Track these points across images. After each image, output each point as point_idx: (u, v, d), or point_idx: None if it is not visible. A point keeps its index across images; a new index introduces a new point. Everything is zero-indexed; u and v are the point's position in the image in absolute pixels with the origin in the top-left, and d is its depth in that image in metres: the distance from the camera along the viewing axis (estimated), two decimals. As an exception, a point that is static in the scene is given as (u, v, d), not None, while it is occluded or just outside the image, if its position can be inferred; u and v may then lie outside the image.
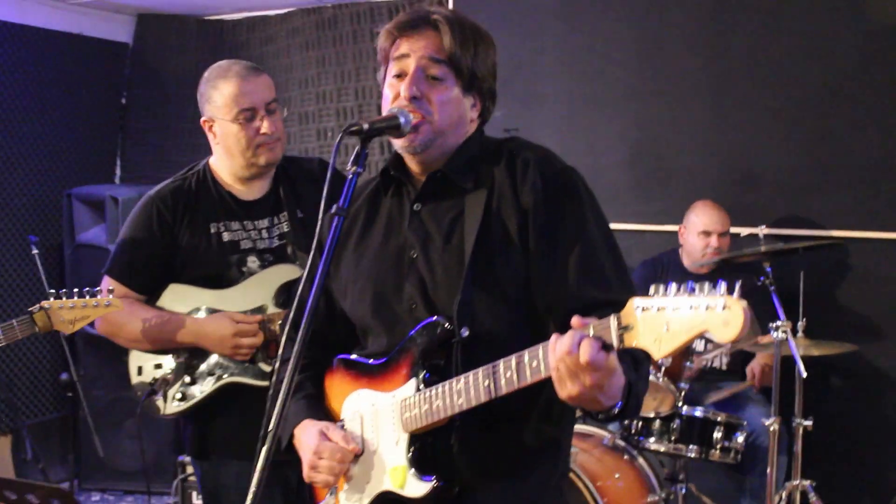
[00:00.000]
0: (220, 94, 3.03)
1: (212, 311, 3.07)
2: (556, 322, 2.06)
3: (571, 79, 5.55)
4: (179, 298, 3.12)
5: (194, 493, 4.50)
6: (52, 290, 3.02)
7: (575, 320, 1.81)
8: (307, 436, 2.23)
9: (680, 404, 4.25)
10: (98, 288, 2.96)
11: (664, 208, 5.30)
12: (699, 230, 4.85)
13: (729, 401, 4.70)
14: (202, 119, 3.11)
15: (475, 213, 2.12)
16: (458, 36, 2.15)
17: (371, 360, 2.25)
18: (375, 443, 2.20)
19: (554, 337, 1.82)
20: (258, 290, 3.09)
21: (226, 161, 3.12)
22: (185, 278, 3.12)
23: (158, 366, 3.13)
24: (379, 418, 2.19)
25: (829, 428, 4.59)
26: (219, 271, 3.10)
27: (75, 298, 3.00)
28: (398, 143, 2.16)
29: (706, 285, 1.62)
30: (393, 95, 2.17)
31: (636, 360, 1.97)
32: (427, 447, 2.13)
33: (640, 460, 4.22)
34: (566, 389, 1.82)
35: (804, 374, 3.96)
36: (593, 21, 5.51)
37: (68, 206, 5.99)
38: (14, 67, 6.12)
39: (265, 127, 3.01)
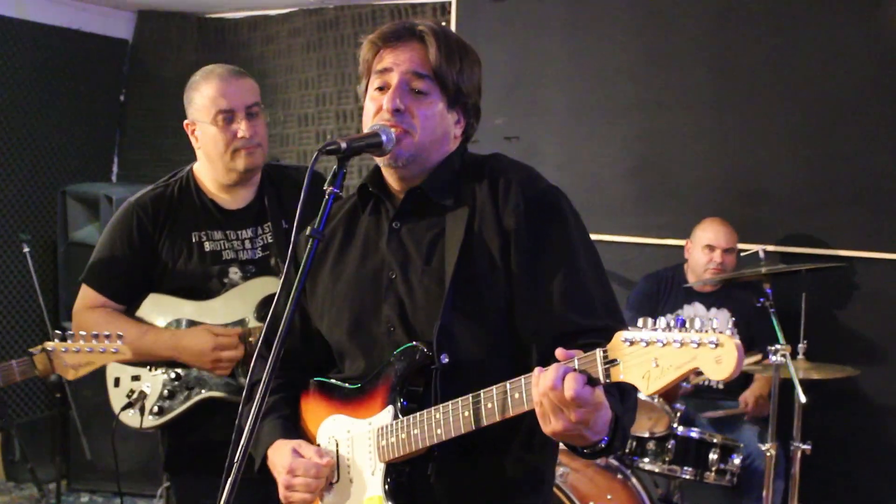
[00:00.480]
0: (200, 96, 2.96)
1: (192, 324, 2.99)
2: (539, 349, 1.99)
3: (575, 88, 5.46)
4: (159, 309, 3.03)
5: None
6: (58, 332, 2.81)
7: (559, 352, 1.74)
8: (279, 455, 2.16)
9: (675, 425, 4.17)
10: (108, 332, 2.78)
11: (667, 222, 5.22)
12: (703, 244, 4.79)
13: (725, 420, 4.62)
14: (185, 122, 3.03)
15: (456, 234, 2.05)
16: (443, 49, 2.08)
17: (347, 384, 2.19)
18: (351, 471, 2.13)
19: (537, 370, 1.76)
20: (239, 302, 3.00)
21: (207, 167, 3.03)
22: (165, 288, 3.03)
23: (136, 377, 3.05)
24: (355, 445, 2.13)
25: (828, 452, 4.50)
26: (199, 282, 3.01)
27: (81, 342, 2.78)
28: (379, 158, 2.09)
29: (696, 320, 1.55)
30: (375, 109, 2.09)
31: (623, 392, 1.89)
32: (404, 477, 2.06)
33: (634, 480, 4.13)
34: (550, 425, 1.75)
35: (803, 400, 3.86)
36: (599, 30, 5.42)
37: (62, 203, 5.92)
38: (11, 62, 6.06)
39: (243, 130, 2.92)
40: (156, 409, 3.00)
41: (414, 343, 2.04)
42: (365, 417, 2.11)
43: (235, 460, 1.81)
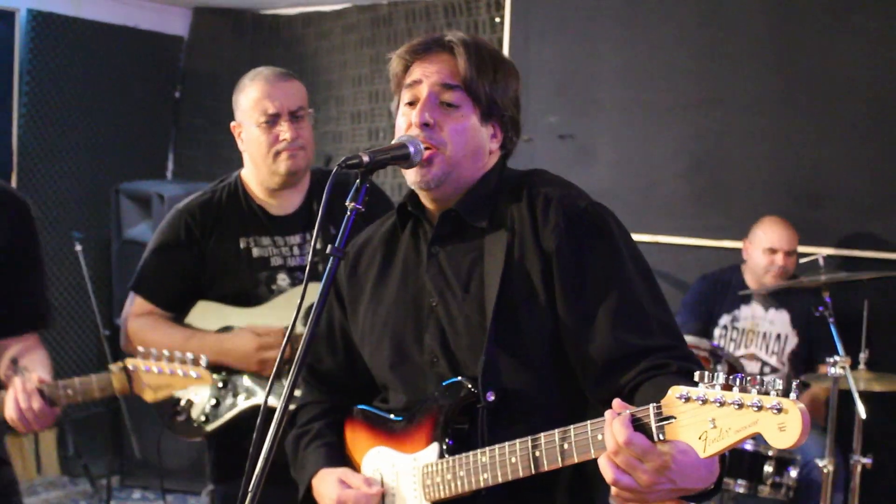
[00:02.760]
0: (245, 98, 2.94)
1: (233, 331, 2.97)
2: (591, 376, 1.90)
3: (629, 85, 5.36)
4: (207, 316, 3.02)
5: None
6: (142, 349, 2.68)
7: (615, 403, 1.64)
8: (326, 486, 2.12)
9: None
10: (191, 355, 2.65)
11: (723, 223, 5.11)
12: (764, 246, 4.66)
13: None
14: (232, 124, 3.01)
15: (496, 259, 1.96)
16: (474, 60, 1.99)
17: (392, 416, 2.13)
18: None
19: (607, 430, 1.63)
20: (288, 308, 2.97)
21: (253, 171, 3.01)
22: (213, 295, 3.02)
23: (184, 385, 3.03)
24: (400, 480, 2.07)
25: (890, 466, 4.39)
26: (247, 288, 2.99)
27: (164, 363, 2.64)
28: (410, 178, 2.00)
29: (759, 377, 1.46)
30: (406, 124, 2.01)
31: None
32: None
33: (686, 494, 4.04)
34: (637, 489, 1.61)
35: (863, 416, 3.75)
36: (654, 26, 5.31)
37: (116, 201, 5.96)
38: (67, 60, 6.10)
39: (286, 133, 2.89)
40: (203, 416, 2.98)
41: (458, 379, 1.97)
42: (410, 452, 2.05)
43: (251, 487, 1.77)
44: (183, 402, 3.00)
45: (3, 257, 2.71)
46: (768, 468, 4.06)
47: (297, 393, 2.38)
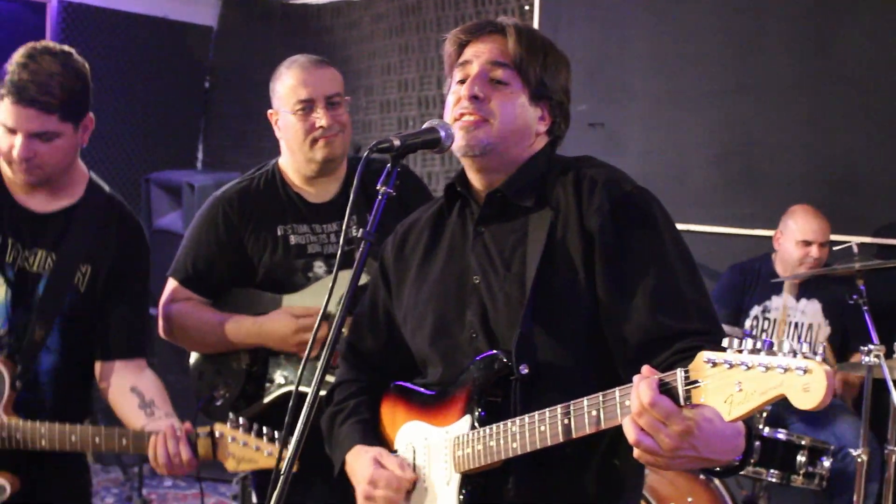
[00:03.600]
0: (282, 86, 2.97)
1: (269, 314, 3.00)
2: (626, 357, 1.93)
3: (659, 73, 5.36)
4: (244, 303, 3.05)
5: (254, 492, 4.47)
6: (233, 415, 2.64)
7: (644, 368, 1.67)
8: (360, 464, 2.14)
9: (761, 425, 4.05)
10: (277, 433, 2.58)
11: (754, 212, 5.10)
12: (798, 238, 4.63)
13: (821, 413, 4.46)
14: (269, 112, 3.05)
15: (538, 238, 1.99)
16: (525, 42, 2.05)
17: (427, 391, 2.16)
18: (427, 479, 2.11)
19: (634, 391, 1.65)
20: (324, 295, 2.99)
21: (290, 159, 3.04)
22: (251, 282, 3.05)
23: (219, 372, 3.08)
24: (431, 454, 2.10)
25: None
26: (284, 276, 3.02)
27: (251, 437, 2.59)
28: (457, 144, 2.03)
29: (785, 342, 1.48)
30: (455, 100, 2.06)
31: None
32: (479, 490, 2.02)
33: (717, 482, 4.02)
34: (659, 453, 1.63)
35: (897, 405, 3.74)
36: (684, 12, 5.30)
37: (146, 190, 6.02)
38: (98, 51, 6.17)
39: (322, 119, 2.92)
40: (238, 403, 3.02)
41: (493, 352, 2.00)
42: (442, 426, 2.08)
43: (284, 465, 1.80)
44: (219, 389, 3.04)
45: (110, 279, 2.75)
46: (801, 458, 4.02)
47: (330, 379, 2.42)
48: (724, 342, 1.56)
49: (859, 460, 3.88)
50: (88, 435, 2.61)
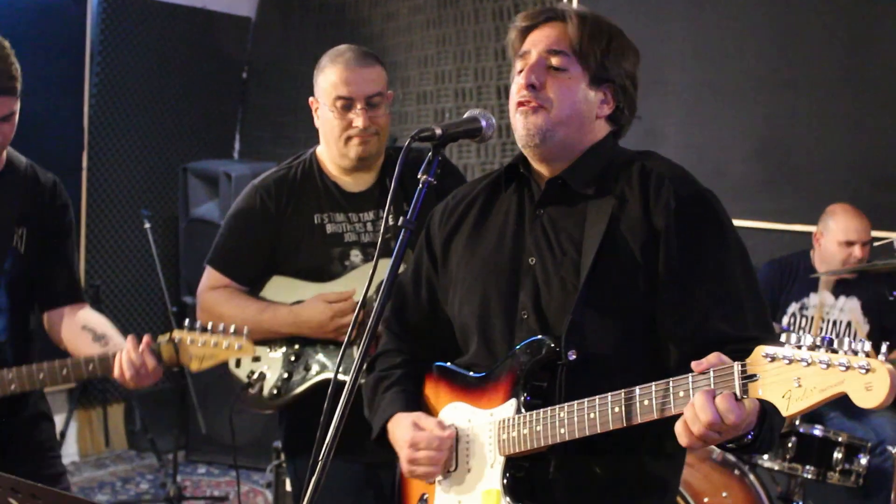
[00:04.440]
0: (324, 78, 2.99)
1: (305, 302, 3.03)
2: (679, 353, 1.95)
3: (698, 66, 5.34)
4: (282, 291, 3.08)
5: (287, 480, 4.51)
6: (187, 325, 2.87)
7: (695, 364, 1.71)
8: (400, 430, 2.17)
9: (797, 422, 4.03)
10: (234, 328, 2.83)
11: (793, 207, 5.07)
12: (840, 239, 4.60)
13: (855, 408, 4.42)
14: (310, 99, 3.08)
15: (598, 226, 2.01)
16: (587, 28, 2.06)
17: (471, 373, 2.17)
18: (470, 461, 2.12)
19: (688, 411, 1.72)
20: (361, 283, 3.02)
21: (326, 148, 3.07)
22: (288, 270, 3.08)
23: (257, 359, 3.10)
24: (475, 435, 2.12)
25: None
26: (321, 264, 3.04)
27: (208, 335, 2.84)
28: (517, 134, 2.07)
29: (846, 340, 1.49)
30: (516, 90, 2.09)
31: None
32: (523, 473, 2.04)
33: (752, 478, 4.00)
34: (709, 444, 1.76)
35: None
36: (724, 3, 5.28)
37: (184, 180, 6.09)
38: (137, 41, 6.24)
39: (359, 120, 2.94)
40: (275, 390, 3.04)
41: (541, 336, 2.01)
42: (487, 408, 2.10)
43: (325, 447, 1.84)
44: (256, 375, 3.07)
45: (45, 237, 2.95)
46: (838, 454, 4.00)
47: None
48: (782, 337, 1.58)
49: (898, 456, 3.87)
50: (56, 368, 2.79)
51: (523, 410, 2.00)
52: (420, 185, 1.93)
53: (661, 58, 5.42)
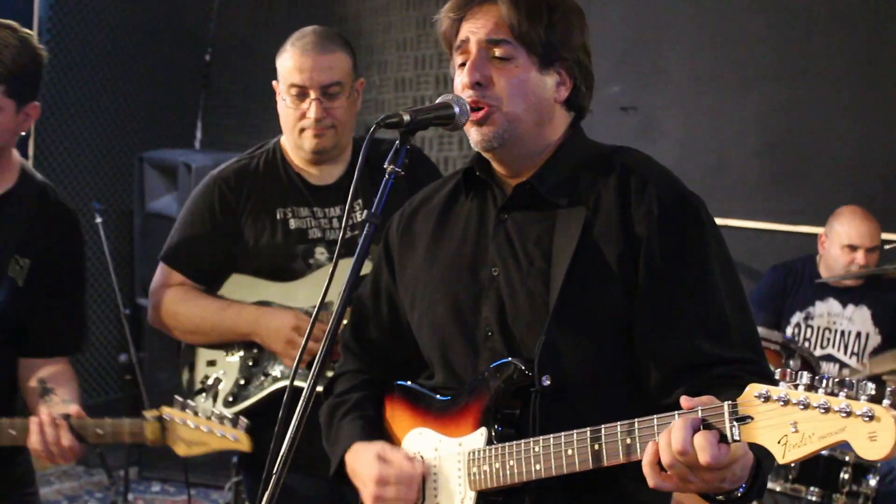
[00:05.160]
0: (281, 63, 2.99)
1: (275, 307, 3.02)
2: (659, 374, 1.94)
3: (699, 54, 5.38)
4: (241, 289, 3.07)
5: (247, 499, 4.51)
6: (180, 398, 2.73)
7: (684, 401, 1.67)
8: (362, 463, 2.13)
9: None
10: (231, 415, 2.69)
11: (800, 207, 5.11)
12: (844, 243, 4.63)
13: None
14: (273, 83, 3.07)
15: (570, 233, 1.98)
16: (522, 5, 2.00)
17: (437, 395, 2.15)
18: (438, 495, 2.10)
19: (655, 420, 1.71)
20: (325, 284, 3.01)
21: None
22: (247, 268, 3.07)
23: (212, 363, 3.10)
24: (443, 466, 2.09)
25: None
26: (283, 262, 3.04)
27: (202, 418, 2.67)
28: (473, 139, 2.03)
29: (846, 380, 1.45)
30: (460, 86, 2.04)
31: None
32: None
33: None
34: (683, 489, 1.68)
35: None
36: (729, -12, 5.30)
37: (139, 170, 6.04)
38: (89, 19, 6.20)
39: (312, 111, 2.92)
40: (230, 397, 3.04)
41: (512, 359, 1.98)
42: (455, 436, 2.07)
43: (279, 460, 1.80)
44: (210, 380, 3.06)
45: (47, 274, 2.79)
46: (845, 475, 4.00)
47: (329, 374, 2.44)
48: (777, 374, 1.55)
49: (910, 479, 3.88)
50: None
51: (495, 441, 1.98)
52: (386, 177, 1.90)
53: (659, 45, 5.45)
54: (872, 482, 4.03)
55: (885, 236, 4.70)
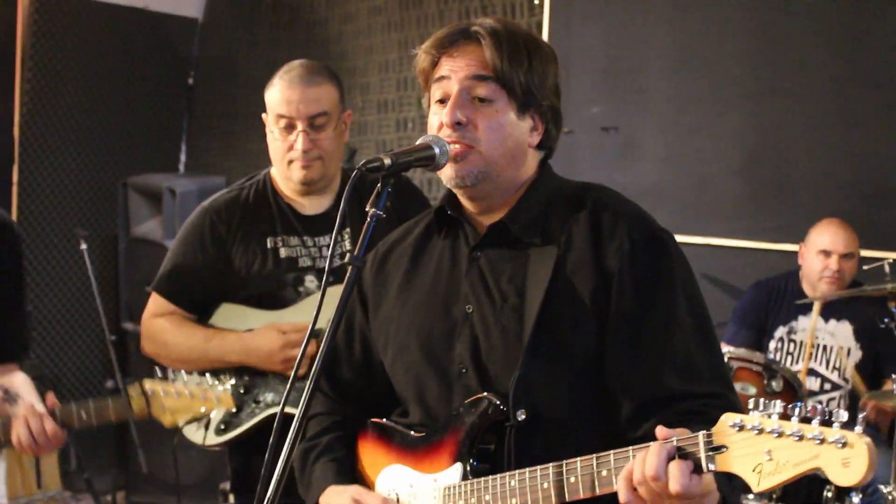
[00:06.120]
0: (269, 97, 3.07)
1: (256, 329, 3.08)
2: (631, 406, 1.98)
3: (680, 73, 5.39)
4: (232, 318, 3.14)
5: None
6: (159, 370, 2.87)
7: (659, 431, 1.71)
8: None
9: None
10: (213, 382, 2.87)
11: (782, 224, 5.12)
12: (819, 248, 4.68)
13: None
14: (263, 115, 3.14)
15: (542, 270, 2.02)
16: (505, 48, 2.03)
17: (411, 431, 2.17)
18: None
19: (631, 451, 1.74)
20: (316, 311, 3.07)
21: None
22: (238, 297, 3.13)
23: (203, 391, 3.15)
24: (417, 502, 2.11)
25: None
26: (274, 290, 3.10)
27: (181, 385, 2.82)
28: (446, 176, 2.06)
29: (819, 408, 1.49)
30: (437, 125, 2.06)
31: (729, 475, 1.79)
32: None
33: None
34: None
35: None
36: (707, 8, 5.33)
37: (124, 196, 6.07)
38: (73, 45, 6.24)
39: (299, 142, 3.00)
40: (222, 425, 3.08)
41: (486, 395, 2.01)
42: (429, 472, 2.09)
43: (271, 486, 1.81)
44: (202, 409, 3.11)
45: None
46: (828, 493, 4.05)
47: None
48: (750, 403, 1.58)
49: (890, 497, 3.92)
50: None
51: (470, 476, 2.00)
52: (368, 220, 1.92)
53: (639, 64, 5.48)
54: (856, 499, 4.08)
55: (865, 253, 4.75)
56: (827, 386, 4.66)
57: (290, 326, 3.02)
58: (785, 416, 1.53)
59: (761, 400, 1.56)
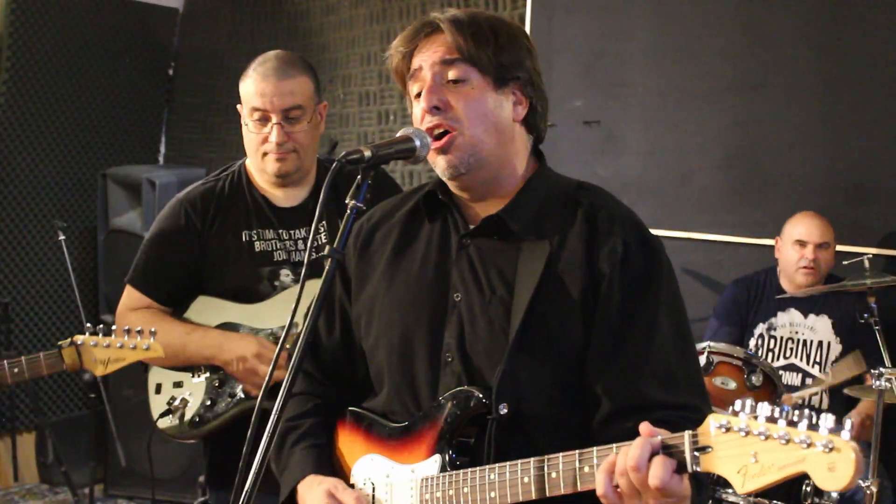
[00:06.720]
0: (243, 88, 3.04)
1: (240, 328, 3.07)
2: (599, 413, 1.98)
3: (661, 67, 5.39)
4: (207, 312, 3.11)
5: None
6: (89, 325, 2.92)
7: (644, 427, 1.70)
8: (312, 496, 2.14)
9: (765, 450, 4.07)
10: (140, 327, 2.89)
11: (763, 219, 5.13)
12: (794, 239, 4.68)
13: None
14: (238, 106, 3.11)
15: (533, 265, 2.02)
16: (468, 30, 2.06)
17: (390, 423, 2.16)
18: None
19: (614, 447, 1.73)
20: (291, 306, 3.04)
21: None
22: (213, 290, 3.11)
23: (178, 384, 3.13)
24: (394, 493, 2.11)
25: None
26: (249, 284, 3.08)
27: (112, 337, 2.88)
28: (440, 168, 2.08)
29: (806, 411, 1.48)
30: (420, 115, 2.08)
31: (698, 482, 1.79)
32: None
33: (718, 512, 4.08)
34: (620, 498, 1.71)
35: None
36: (690, 1, 5.33)
37: (103, 187, 6.04)
38: (51, 34, 6.19)
39: (273, 135, 2.97)
40: (196, 418, 3.07)
41: (468, 388, 2.01)
42: (407, 463, 2.08)
43: (245, 489, 1.80)
44: (177, 402, 3.09)
45: None
46: (807, 488, 4.04)
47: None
48: (737, 405, 1.57)
49: (868, 492, 3.91)
50: None
51: (449, 469, 2.00)
52: (348, 212, 1.91)
53: (622, 60, 5.48)
54: (835, 494, 4.08)
55: (845, 249, 4.76)
56: (808, 381, 4.66)
57: (273, 347, 2.99)
58: (772, 419, 1.52)
59: (748, 401, 1.55)
